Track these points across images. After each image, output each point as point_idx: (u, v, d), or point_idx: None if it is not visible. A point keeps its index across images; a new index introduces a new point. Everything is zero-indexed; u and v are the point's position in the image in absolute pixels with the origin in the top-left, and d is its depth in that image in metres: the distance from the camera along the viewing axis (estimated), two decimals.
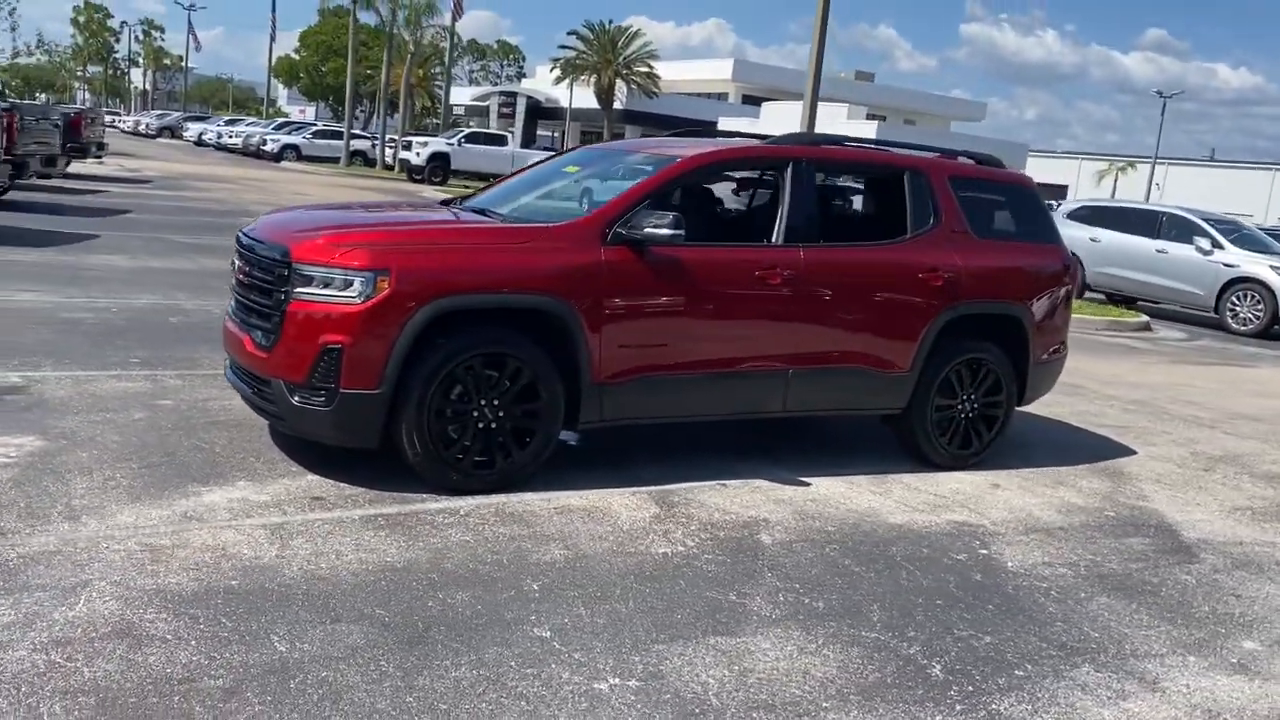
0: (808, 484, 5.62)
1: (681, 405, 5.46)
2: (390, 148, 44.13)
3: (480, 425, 4.86)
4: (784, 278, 5.49)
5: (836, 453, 6.41)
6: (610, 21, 58.77)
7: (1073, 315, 7.04)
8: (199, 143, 53.23)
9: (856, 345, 5.79)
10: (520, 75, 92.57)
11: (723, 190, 6.82)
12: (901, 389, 5.97)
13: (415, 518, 4.55)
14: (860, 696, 3.40)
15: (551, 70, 62.40)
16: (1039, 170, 69.00)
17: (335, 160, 43.23)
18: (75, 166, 22.83)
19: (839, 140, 6.30)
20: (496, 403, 4.87)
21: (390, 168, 42.34)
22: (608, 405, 5.16)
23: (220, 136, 51.13)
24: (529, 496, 4.95)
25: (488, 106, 61.12)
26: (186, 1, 71.59)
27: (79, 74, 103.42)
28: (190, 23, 73.01)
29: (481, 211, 5.68)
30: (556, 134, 59.48)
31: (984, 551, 4.91)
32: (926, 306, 5.92)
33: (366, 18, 47.77)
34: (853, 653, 3.71)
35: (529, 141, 52.16)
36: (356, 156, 44.78)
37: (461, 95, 72.40)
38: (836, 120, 53.50)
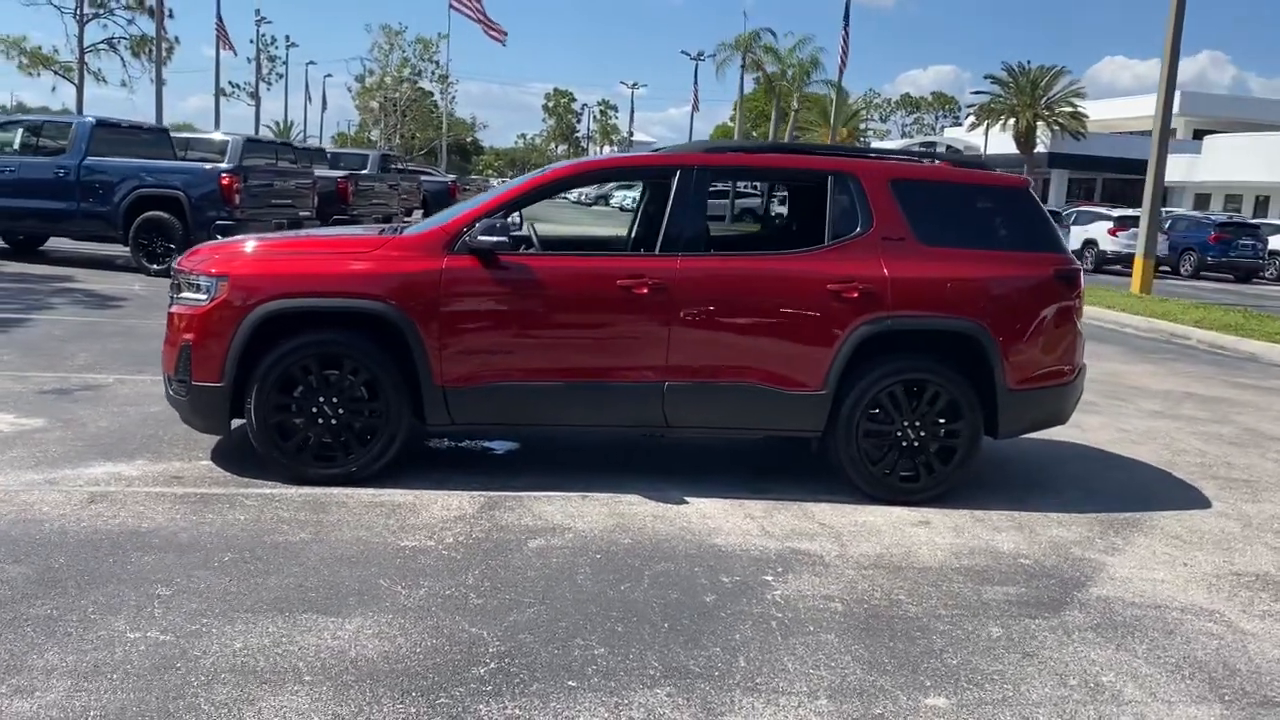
0: (685, 504, 5.38)
1: (538, 412, 5.48)
2: None
3: (320, 421, 5.28)
4: (652, 288, 5.35)
5: (788, 480, 5.95)
6: (1029, 62, 56.21)
7: None
8: None
9: (746, 360, 5.45)
10: (956, 125, 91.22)
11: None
12: (813, 409, 5.50)
13: (228, 499, 5.05)
14: (354, 677, 3.39)
15: (966, 117, 60.68)
16: None
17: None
18: None
19: (759, 148, 5.97)
20: (335, 401, 5.27)
21: None
22: (455, 409, 5.34)
23: None
24: (363, 491, 5.26)
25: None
26: (630, 81, 79.11)
27: (549, 152, 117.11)
28: (632, 102, 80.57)
29: (396, 229, 6.09)
30: None
31: (767, 578, 4.46)
32: (838, 321, 5.42)
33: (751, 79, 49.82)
34: (426, 643, 3.66)
35: None
36: (746, 214, 46.48)
37: (887, 147, 72.74)
38: (1273, 149, 46.92)
